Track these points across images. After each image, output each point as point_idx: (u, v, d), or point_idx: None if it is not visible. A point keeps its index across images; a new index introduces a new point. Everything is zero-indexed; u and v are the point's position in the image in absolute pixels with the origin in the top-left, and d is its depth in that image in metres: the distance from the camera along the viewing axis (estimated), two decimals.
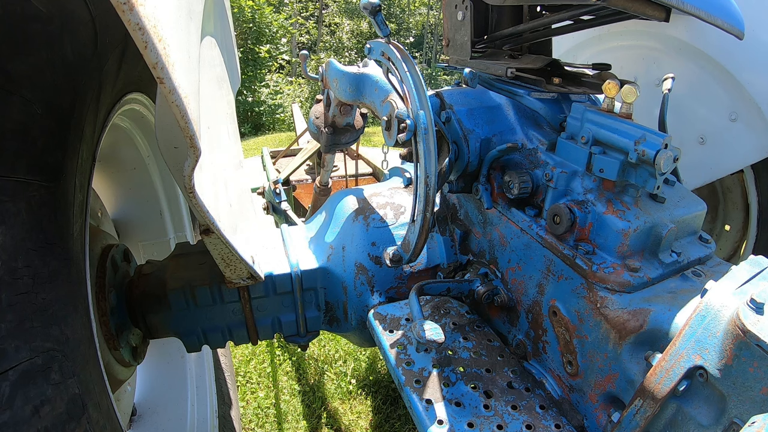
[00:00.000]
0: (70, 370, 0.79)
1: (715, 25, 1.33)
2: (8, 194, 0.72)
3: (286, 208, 3.08)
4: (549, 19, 1.45)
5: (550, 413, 1.16)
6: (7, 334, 0.68)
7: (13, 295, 0.70)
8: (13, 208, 0.72)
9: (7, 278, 0.69)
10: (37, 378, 0.71)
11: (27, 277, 0.73)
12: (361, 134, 2.03)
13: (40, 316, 0.75)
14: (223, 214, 1.11)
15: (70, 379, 0.79)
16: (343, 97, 1.56)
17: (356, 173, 3.78)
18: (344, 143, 1.98)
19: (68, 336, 0.81)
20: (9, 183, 0.72)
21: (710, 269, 1.24)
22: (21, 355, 0.69)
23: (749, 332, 0.82)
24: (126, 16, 0.58)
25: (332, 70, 1.61)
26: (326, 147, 1.97)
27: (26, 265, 0.73)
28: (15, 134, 0.74)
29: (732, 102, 1.88)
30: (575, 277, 1.19)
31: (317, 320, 1.66)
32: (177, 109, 0.71)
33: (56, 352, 0.76)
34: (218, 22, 1.59)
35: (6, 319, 0.68)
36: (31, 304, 0.73)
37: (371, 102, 1.37)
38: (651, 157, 1.06)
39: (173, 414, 1.94)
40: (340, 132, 1.93)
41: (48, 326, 0.76)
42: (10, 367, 0.67)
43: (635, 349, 1.07)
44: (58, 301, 0.80)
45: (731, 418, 0.88)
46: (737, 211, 2.39)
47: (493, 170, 1.41)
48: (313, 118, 1.97)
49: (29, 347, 0.71)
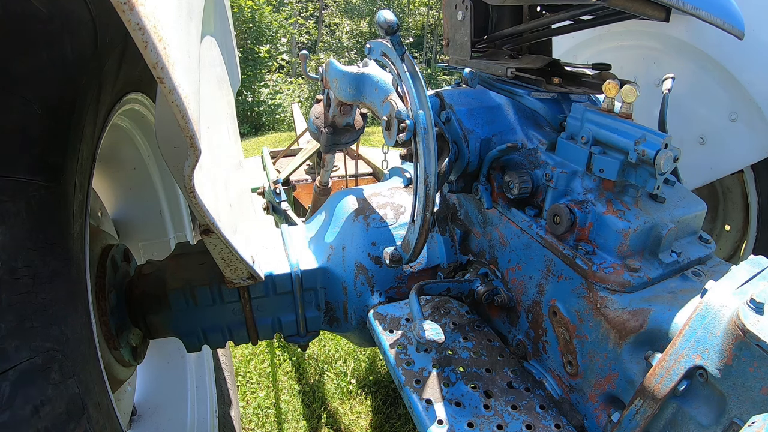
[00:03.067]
0: (70, 369, 0.79)
1: (714, 25, 1.33)
2: (8, 194, 0.72)
3: (286, 208, 3.08)
4: (549, 19, 1.45)
5: (550, 413, 1.16)
6: (7, 333, 0.68)
7: (14, 295, 0.70)
8: (13, 207, 0.72)
9: (8, 278, 0.69)
10: (37, 378, 0.71)
11: (27, 277, 0.73)
12: (361, 134, 2.03)
13: (40, 316, 0.75)
14: (223, 214, 1.11)
15: (70, 378, 0.79)
16: (343, 97, 1.56)
17: (356, 173, 3.78)
18: (344, 143, 1.98)
19: (68, 336, 0.81)
20: (9, 183, 0.72)
21: (710, 269, 1.24)
22: (21, 354, 0.69)
23: (749, 332, 0.82)
24: (126, 15, 0.58)
25: (332, 70, 1.61)
26: (326, 147, 1.97)
27: (26, 265, 0.73)
28: (15, 134, 0.74)
29: (732, 102, 1.88)
30: (575, 277, 1.18)
31: (317, 320, 1.66)
32: (177, 109, 0.71)
33: (56, 352, 0.76)
34: (218, 22, 1.59)
35: (6, 318, 0.68)
36: (32, 304, 0.73)
37: (371, 102, 1.37)
38: (651, 157, 1.06)
39: (173, 414, 1.94)
40: (340, 132, 1.93)
41: (48, 326, 0.76)
42: (11, 367, 0.67)
43: (635, 349, 1.07)
44: (58, 301, 0.80)
45: (731, 418, 0.88)
46: (737, 211, 2.39)
47: (493, 170, 1.41)
48: (313, 118, 1.97)
49: (29, 347, 0.71)
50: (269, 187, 3.25)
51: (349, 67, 1.54)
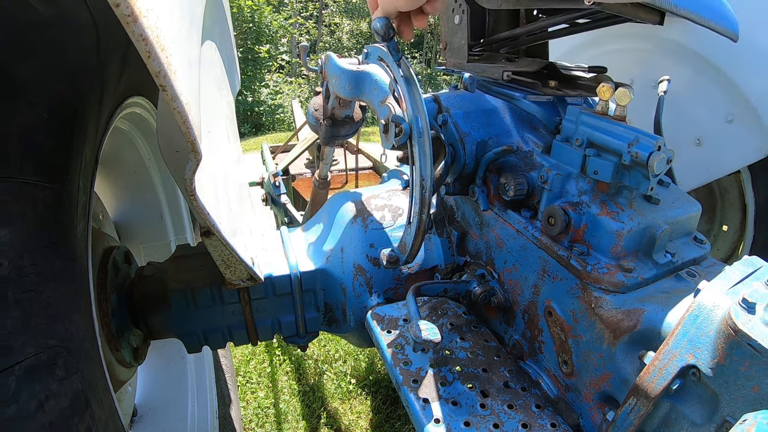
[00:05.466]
0: (74, 366, 0.81)
1: (708, 27, 1.35)
2: (15, 195, 0.73)
3: (285, 201, 3.08)
4: (545, 23, 1.46)
5: (546, 412, 1.18)
6: (13, 329, 0.69)
7: (20, 293, 0.72)
8: (19, 208, 0.74)
9: (14, 276, 0.71)
10: (42, 373, 0.73)
11: (33, 275, 0.74)
12: (361, 126, 2.01)
13: (45, 314, 0.76)
14: (224, 217, 1.12)
15: (73, 375, 0.80)
16: (342, 94, 1.54)
17: (356, 167, 3.77)
18: (343, 135, 1.96)
19: (72, 333, 0.83)
20: (16, 184, 0.73)
21: (705, 269, 1.25)
22: (27, 350, 0.71)
23: (741, 332, 0.83)
24: (130, 27, 0.59)
25: (331, 66, 1.59)
26: (325, 139, 1.95)
27: (32, 264, 0.75)
28: (21, 137, 0.76)
29: (728, 103, 1.89)
30: (570, 277, 1.20)
31: (316, 321, 1.67)
32: (179, 116, 0.72)
33: (60, 349, 0.78)
34: (217, 25, 1.60)
35: (12, 315, 0.70)
36: (37, 302, 0.75)
37: (370, 100, 1.37)
38: (644, 159, 1.07)
39: (174, 414, 1.95)
40: (339, 124, 1.92)
41: (53, 323, 0.78)
42: (17, 362, 0.69)
43: (629, 349, 1.09)
44: (62, 299, 0.82)
45: (724, 416, 0.89)
46: (734, 211, 2.41)
47: (490, 173, 1.43)
48: (312, 110, 1.95)
49: (35, 343, 0.73)
50: (268, 179, 3.24)
51: (348, 62, 1.53)
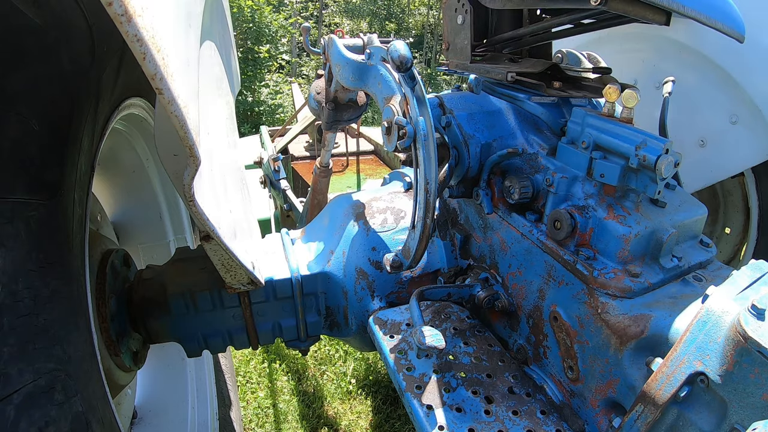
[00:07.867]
0: (74, 388, 0.79)
1: (715, 28, 1.33)
2: (7, 216, 0.70)
3: (285, 186, 3.01)
4: (549, 23, 1.44)
5: (551, 418, 1.16)
6: (9, 357, 0.67)
7: (15, 318, 0.69)
8: (12, 230, 0.70)
9: (9, 301, 0.68)
10: (41, 399, 0.71)
11: (28, 299, 0.72)
12: (364, 111, 1.91)
13: (42, 338, 0.74)
14: (224, 221, 1.10)
15: (73, 397, 0.78)
16: (345, 83, 1.50)
17: (357, 150, 3.72)
18: (346, 120, 1.87)
19: (70, 355, 0.80)
20: (7, 205, 0.70)
21: (711, 273, 1.24)
22: (24, 377, 0.69)
23: (750, 338, 0.82)
24: (124, 27, 0.57)
25: (335, 54, 1.54)
26: (327, 124, 1.87)
27: (27, 287, 0.72)
28: (12, 154, 0.72)
29: (732, 105, 1.87)
30: (576, 282, 1.18)
31: (318, 325, 1.65)
32: (176, 119, 0.70)
33: (59, 372, 0.76)
34: (217, 25, 1.58)
35: (8, 342, 0.67)
36: (33, 326, 0.72)
37: (373, 93, 1.34)
38: (652, 163, 1.05)
39: (174, 417, 1.94)
40: (342, 108, 1.83)
41: (50, 347, 0.75)
42: (15, 391, 0.66)
43: (636, 355, 1.07)
44: (59, 320, 0.79)
45: (732, 424, 0.88)
46: (738, 213, 2.39)
47: (494, 175, 1.41)
48: (314, 93, 1.87)
49: (32, 369, 0.70)
50: (267, 162, 3.17)
51: (352, 44, 1.48)
